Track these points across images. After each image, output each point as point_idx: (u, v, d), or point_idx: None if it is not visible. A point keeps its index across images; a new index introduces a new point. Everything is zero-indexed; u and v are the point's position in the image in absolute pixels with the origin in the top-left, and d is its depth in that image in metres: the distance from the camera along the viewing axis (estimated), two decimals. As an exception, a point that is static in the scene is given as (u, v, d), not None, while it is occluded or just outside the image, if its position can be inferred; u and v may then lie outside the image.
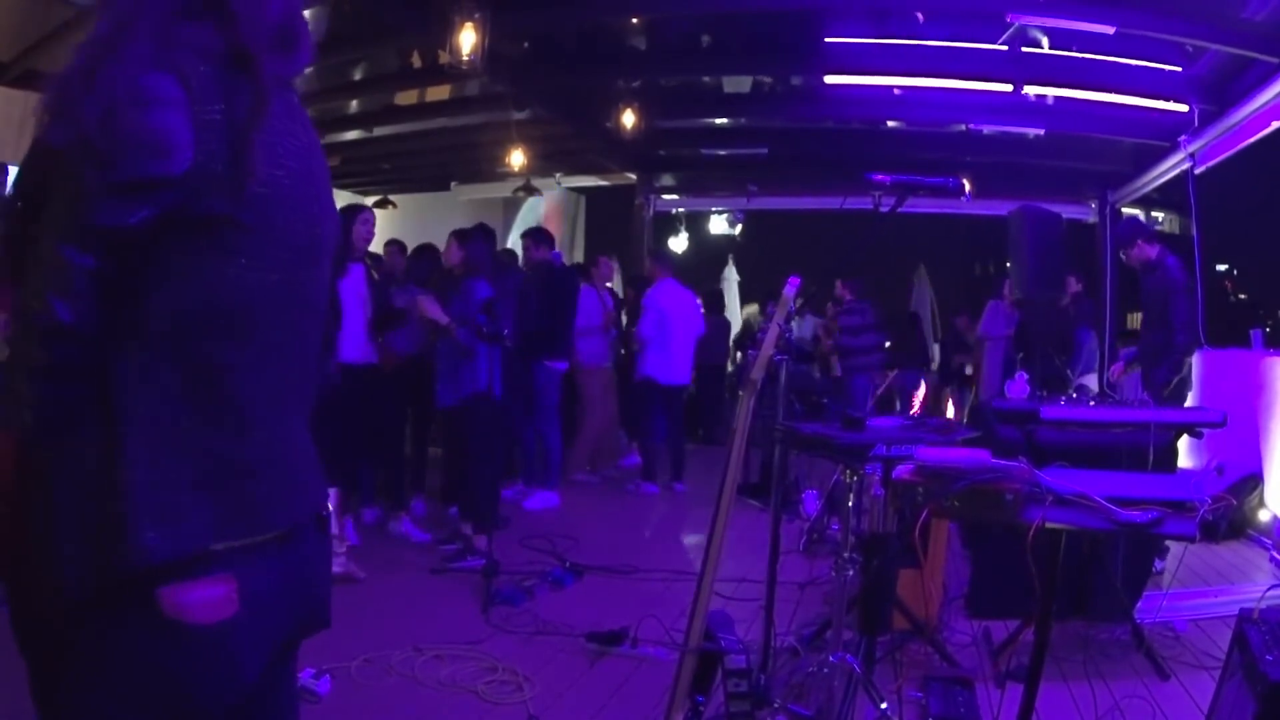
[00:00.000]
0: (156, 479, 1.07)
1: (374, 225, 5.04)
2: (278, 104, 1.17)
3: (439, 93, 8.72)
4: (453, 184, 11.93)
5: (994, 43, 6.69)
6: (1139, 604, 3.74)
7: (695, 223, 13.12)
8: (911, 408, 10.24)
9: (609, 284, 7.77)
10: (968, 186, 2.96)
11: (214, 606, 1.09)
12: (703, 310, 9.79)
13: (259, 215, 1.13)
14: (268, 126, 1.14)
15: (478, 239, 5.21)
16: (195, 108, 1.08)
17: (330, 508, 1.34)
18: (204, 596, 1.09)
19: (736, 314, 12.01)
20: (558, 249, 7.60)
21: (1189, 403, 5.63)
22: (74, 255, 1.05)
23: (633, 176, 11.02)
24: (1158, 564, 4.36)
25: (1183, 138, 7.11)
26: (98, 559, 1.05)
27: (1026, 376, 4.48)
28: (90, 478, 1.06)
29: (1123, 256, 5.62)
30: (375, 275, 5.44)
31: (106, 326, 1.07)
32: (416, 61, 7.85)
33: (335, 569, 4.18)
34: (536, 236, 6.83)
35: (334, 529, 4.26)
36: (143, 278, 1.08)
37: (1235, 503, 5.35)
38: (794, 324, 2.58)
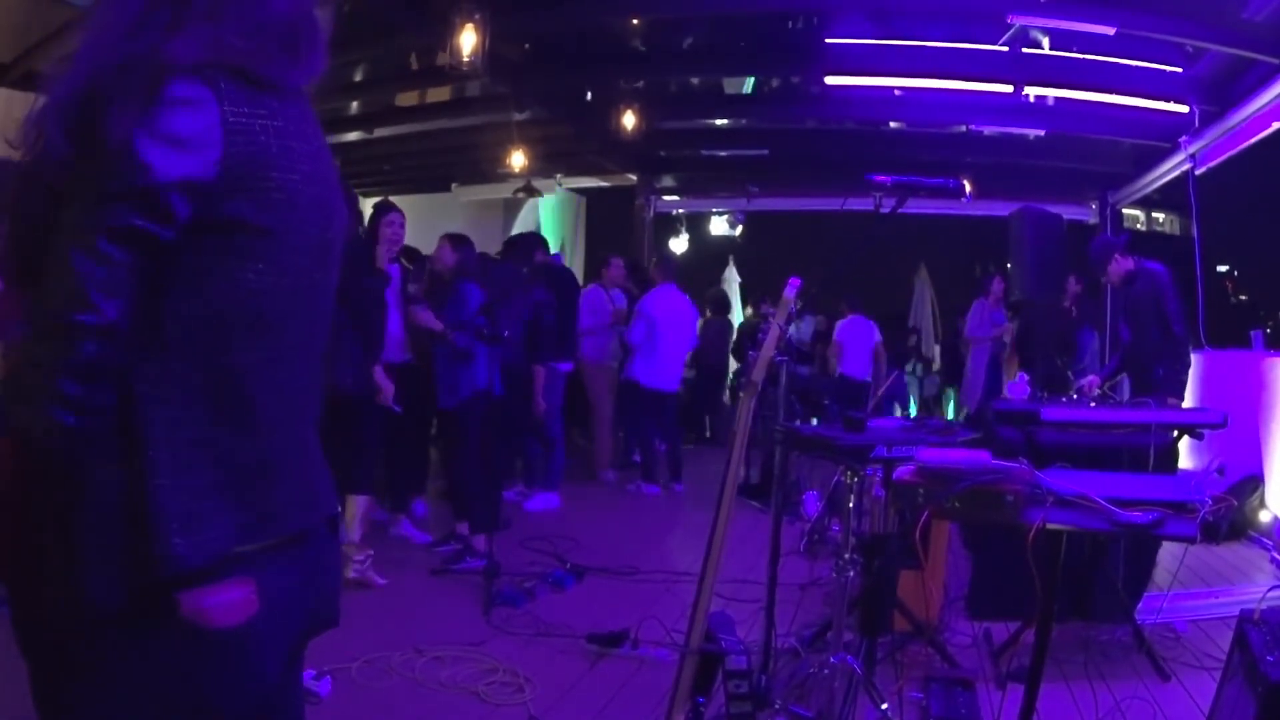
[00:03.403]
0: (181, 485, 1.07)
1: (401, 226, 4.93)
2: (292, 107, 1.18)
3: (439, 94, 8.73)
4: (453, 185, 11.92)
5: (994, 43, 6.69)
6: (1139, 605, 3.74)
7: (696, 224, 13.10)
8: (906, 410, 10.28)
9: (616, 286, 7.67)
10: (968, 187, 2.96)
11: (234, 609, 1.09)
12: (707, 312, 9.79)
13: (276, 220, 1.14)
14: (284, 130, 1.14)
15: (469, 244, 5.22)
16: (223, 109, 1.08)
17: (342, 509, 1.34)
18: (224, 600, 1.08)
19: (738, 316, 11.98)
20: (557, 250, 7.59)
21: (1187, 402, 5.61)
22: (114, 252, 1.03)
23: (633, 177, 11.02)
24: None
25: (1183, 138, 7.11)
26: (125, 568, 1.05)
27: (1027, 377, 4.47)
28: (114, 487, 1.05)
29: (1102, 279, 5.57)
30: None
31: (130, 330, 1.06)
32: (416, 63, 7.86)
33: (352, 574, 4.18)
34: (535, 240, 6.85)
35: (367, 532, 4.24)
36: (163, 281, 1.08)
37: (1236, 504, 5.35)
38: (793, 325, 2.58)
